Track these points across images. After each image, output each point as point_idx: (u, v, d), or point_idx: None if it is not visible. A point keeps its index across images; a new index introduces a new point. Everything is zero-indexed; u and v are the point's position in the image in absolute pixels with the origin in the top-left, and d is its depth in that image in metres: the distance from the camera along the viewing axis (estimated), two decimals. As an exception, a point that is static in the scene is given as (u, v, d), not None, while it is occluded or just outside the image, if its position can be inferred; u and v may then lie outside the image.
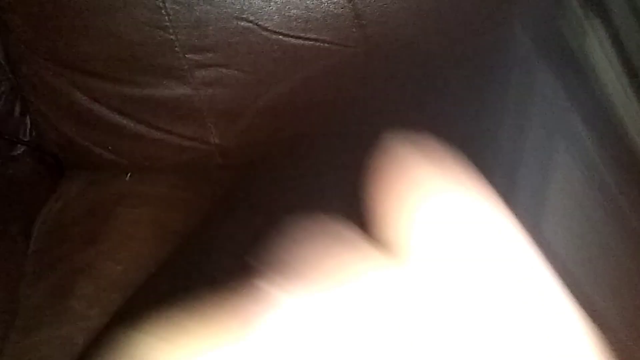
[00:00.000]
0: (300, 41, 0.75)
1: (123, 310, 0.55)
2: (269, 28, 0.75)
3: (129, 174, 0.82)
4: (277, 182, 0.70)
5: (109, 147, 0.82)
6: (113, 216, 0.75)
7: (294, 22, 0.75)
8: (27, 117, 0.84)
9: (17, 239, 0.75)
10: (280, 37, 0.75)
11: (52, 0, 0.73)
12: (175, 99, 0.78)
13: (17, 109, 0.83)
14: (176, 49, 0.75)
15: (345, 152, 0.59)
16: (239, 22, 0.74)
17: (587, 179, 0.61)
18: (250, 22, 0.74)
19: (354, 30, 0.75)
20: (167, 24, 0.74)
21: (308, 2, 0.74)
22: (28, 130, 0.84)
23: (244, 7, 0.74)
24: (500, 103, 0.73)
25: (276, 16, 0.74)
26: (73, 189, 0.82)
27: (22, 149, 0.85)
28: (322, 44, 0.76)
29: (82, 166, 0.85)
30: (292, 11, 0.74)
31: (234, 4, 0.74)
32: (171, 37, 0.74)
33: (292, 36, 0.75)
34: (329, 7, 0.74)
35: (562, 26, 0.72)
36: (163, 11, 0.73)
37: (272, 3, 0.74)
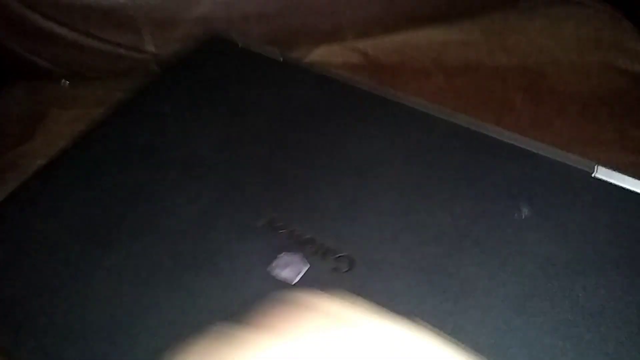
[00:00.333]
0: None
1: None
2: None
3: (65, 81, 0.80)
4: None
5: (45, 56, 0.80)
6: (49, 117, 0.75)
7: None
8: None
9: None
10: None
11: None
12: (110, 7, 0.76)
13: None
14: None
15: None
16: None
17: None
18: None
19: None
20: None
21: None
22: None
23: None
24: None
25: None
26: (13, 97, 0.80)
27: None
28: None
29: (22, 75, 0.83)
30: None
31: None
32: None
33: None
34: None
35: None
36: None
37: None
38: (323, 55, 0.79)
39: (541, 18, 0.82)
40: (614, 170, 0.45)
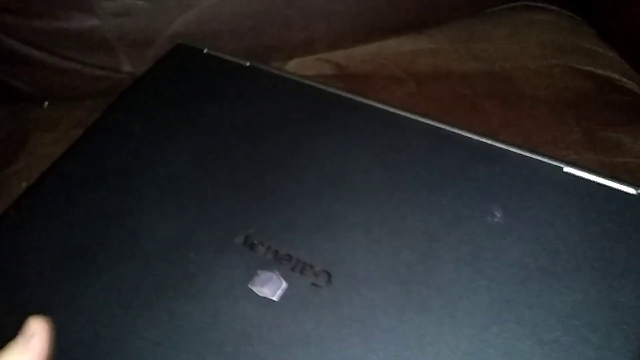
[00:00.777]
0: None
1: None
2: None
3: (46, 103, 0.79)
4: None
5: (25, 79, 0.78)
6: (31, 140, 0.73)
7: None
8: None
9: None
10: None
11: None
12: (85, 30, 0.75)
13: None
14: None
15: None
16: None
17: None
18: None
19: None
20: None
21: None
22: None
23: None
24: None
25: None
26: (-6, 121, 0.78)
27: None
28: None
29: (3, 99, 0.81)
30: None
31: None
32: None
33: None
34: None
35: None
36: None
37: None
38: (296, 67, 0.77)
39: (505, 25, 0.81)
40: (583, 170, 0.44)
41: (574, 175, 0.44)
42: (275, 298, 0.39)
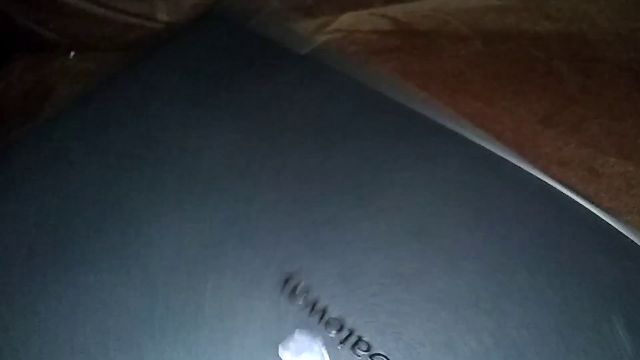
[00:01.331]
0: None
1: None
2: None
3: (72, 53, 0.72)
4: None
5: (51, 26, 0.72)
6: (55, 93, 0.67)
7: None
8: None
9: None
10: None
11: None
12: (118, -28, 0.68)
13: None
14: None
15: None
16: None
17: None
18: None
19: None
20: None
21: None
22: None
23: None
24: None
25: None
26: (15, 71, 0.72)
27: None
28: None
29: (26, 48, 0.75)
30: None
31: None
32: None
33: None
34: None
35: None
36: None
37: None
38: (349, 23, 0.70)
39: (580, -19, 0.74)
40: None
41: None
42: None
